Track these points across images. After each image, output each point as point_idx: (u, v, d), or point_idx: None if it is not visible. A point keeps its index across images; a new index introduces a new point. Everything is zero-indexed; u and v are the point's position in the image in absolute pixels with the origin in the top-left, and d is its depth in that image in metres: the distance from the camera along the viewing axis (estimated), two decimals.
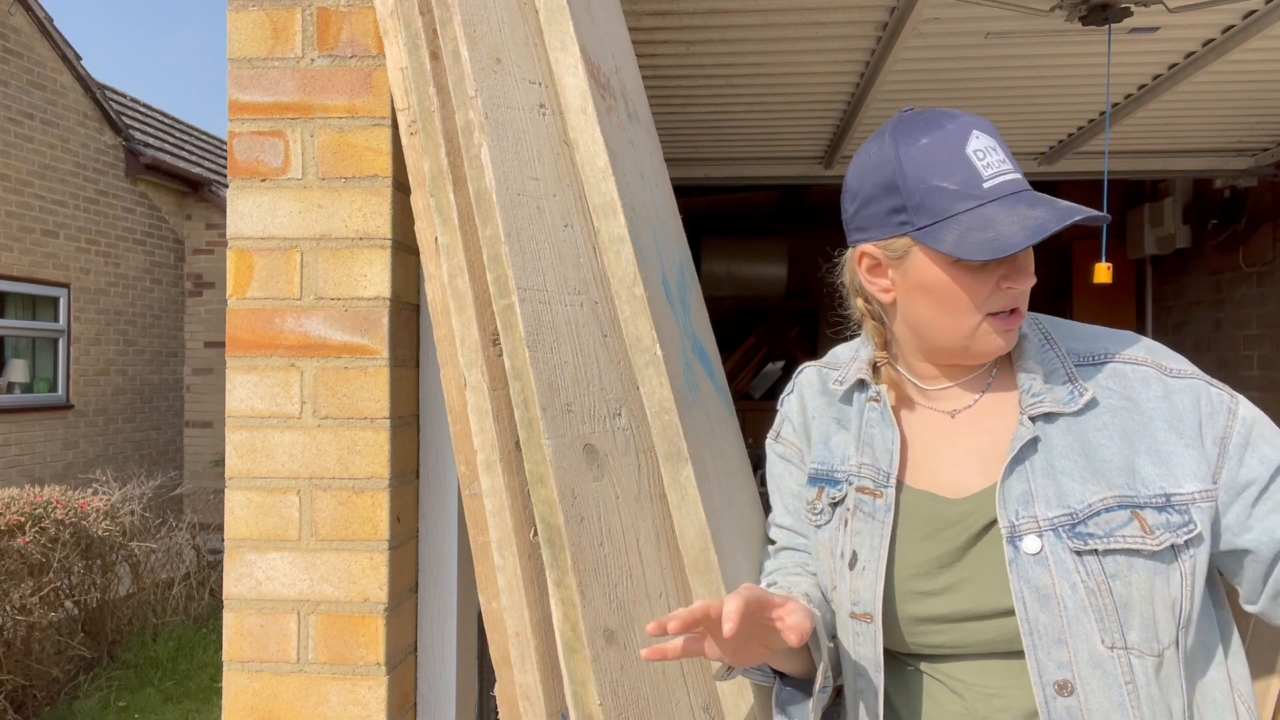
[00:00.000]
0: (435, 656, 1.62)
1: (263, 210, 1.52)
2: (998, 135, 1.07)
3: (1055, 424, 1.07)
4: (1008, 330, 1.07)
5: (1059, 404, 1.07)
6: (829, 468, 1.18)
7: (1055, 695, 1.01)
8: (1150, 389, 1.07)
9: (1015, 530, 1.04)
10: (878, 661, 1.09)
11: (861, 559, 1.10)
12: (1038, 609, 1.02)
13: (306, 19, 1.53)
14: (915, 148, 1.06)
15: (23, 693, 4.56)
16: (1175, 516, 1.02)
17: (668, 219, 1.56)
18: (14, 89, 7.48)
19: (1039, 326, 1.15)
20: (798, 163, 4.91)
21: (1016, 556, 1.03)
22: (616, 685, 1.17)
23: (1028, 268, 1.04)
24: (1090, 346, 1.12)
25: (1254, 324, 5.21)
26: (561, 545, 1.19)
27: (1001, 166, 1.04)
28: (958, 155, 1.04)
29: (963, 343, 1.08)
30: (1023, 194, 1.03)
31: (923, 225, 1.05)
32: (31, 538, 4.67)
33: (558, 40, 1.34)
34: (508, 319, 1.25)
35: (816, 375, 1.27)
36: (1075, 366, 1.10)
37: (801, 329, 7.84)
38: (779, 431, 1.29)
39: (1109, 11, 2.69)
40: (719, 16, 3.02)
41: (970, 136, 1.04)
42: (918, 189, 1.05)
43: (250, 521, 1.51)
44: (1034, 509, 1.04)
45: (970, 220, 1.02)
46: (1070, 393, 1.07)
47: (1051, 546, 1.03)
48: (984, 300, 1.05)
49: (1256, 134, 4.37)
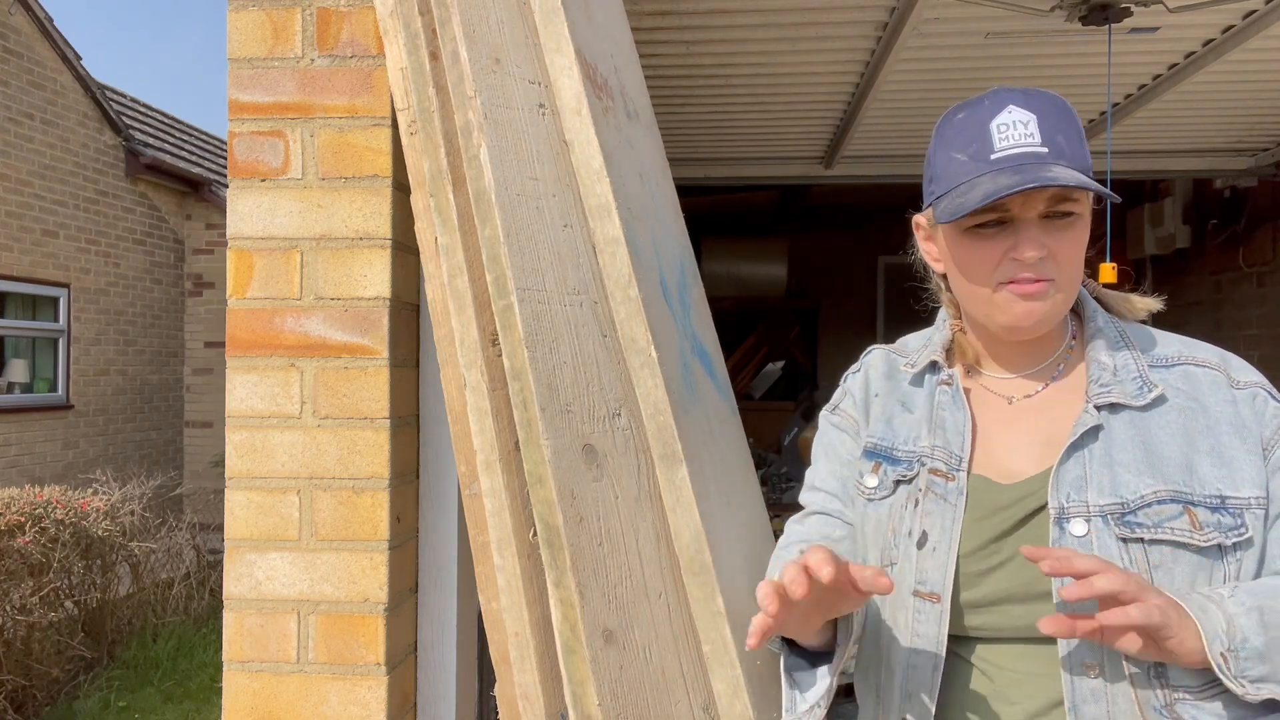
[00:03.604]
0: (435, 656, 1.62)
1: (263, 210, 1.52)
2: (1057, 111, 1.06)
3: (1119, 415, 1.08)
4: (1026, 298, 1.06)
5: (1126, 396, 1.08)
6: (889, 445, 1.18)
7: (1083, 674, 1.02)
8: (1219, 393, 1.09)
9: (1064, 512, 1.05)
10: (941, 640, 1.09)
11: (932, 539, 1.11)
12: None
13: (306, 19, 1.53)
14: (950, 122, 1.11)
15: (23, 693, 4.56)
16: (1228, 518, 1.01)
17: (668, 218, 1.56)
18: (14, 89, 7.48)
19: (1116, 326, 1.17)
20: (798, 163, 4.91)
21: (1061, 538, 1.04)
22: (615, 685, 1.17)
23: (1031, 238, 1.04)
24: (1165, 349, 1.14)
25: (1254, 324, 5.21)
26: (560, 545, 1.19)
27: (1023, 140, 1.04)
28: (980, 128, 1.06)
29: (985, 311, 1.10)
30: (1024, 164, 1.03)
31: (937, 195, 1.10)
32: (31, 538, 4.67)
33: (553, 42, 1.34)
34: (507, 319, 1.25)
35: (884, 358, 1.28)
36: (1148, 366, 1.11)
37: (801, 329, 7.84)
38: (837, 404, 1.29)
39: (1109, 11, 2.69)
40: (719, 16, 3.02)
41: (1003, 110, 1.06)
42: (938, 160, 1.11)
43: (250, 521, 1.51)
44: (1086, 495, 1.05)
45: (965, 188, 1.05)
46: (1139, 387, 1.09)
47: (1098, 532, 1.03)
48: (994, 269, 1.07)
49: (1256, 134, 4.37)
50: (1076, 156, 1.05)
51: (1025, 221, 1.05)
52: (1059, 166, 1.02)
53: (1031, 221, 1.05)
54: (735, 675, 1.19)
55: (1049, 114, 1.06)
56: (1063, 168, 1.02)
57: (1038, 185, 0.99)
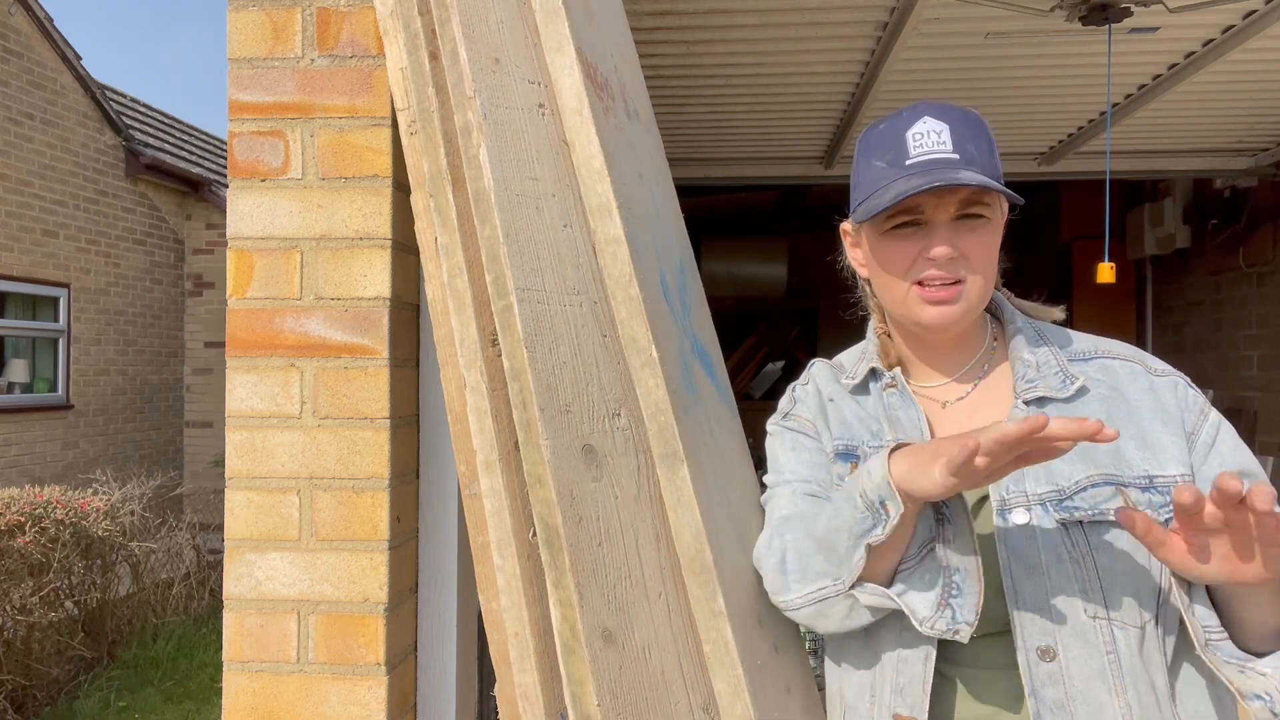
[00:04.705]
0: (435, 656, 1.62)
1: (263, 210, 1.52)
2: (967, 123, 1.13)
3: (1047, 408, 1.14)
4: (937, 299, 1.12)
5: (1052, 390, 1.14)
6: (858, 443, 1.22)
7: (1038, 660, 1.06)
8: (1137, 382, 1.15)
9: (1005, 504, 1.10)
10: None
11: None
12: (1023, 577, 1.07)
13: (306, 19, 1.53)
14: (872, 133, 1.19)
15: (23, 693, 4.56)
16: (1157, 497, 1.07)
17: (668, 218, 1.56)
18: (14, 89, 7.48)
19: (1034, 326, 1.23)
20: (798, 163, 4.91)
21: (1005, 527, 1.09)
22: (615, 686, 1.17)
23: (943, 238, 1.11)
24: (1081, 345, 1.21)
25: (1254, 324, 5.21)
26: (560, 546, 1.19)
27: (936, 147, 1.11)
28: (897, 137, 1.14)
29: (900, 310, 1.17)
30: (934, 168, 1.09)
31: (858, 201, 1.18)
32: (31, 538, 4.67)
33: (554, 41, 1.34)
34: (506, 319, 1.25)
35: (828, 369, 1.33)
36: (1068, 361, 1.17)
37: (801, 329, 7.84)
38: (788, 412, 1.33)
39: (1109, 11, 2.69)
40: (719, 16, 3.02)
41: (918, 121, 1.13)
42: (860, 168, 1.19)
43: (250, 521, 1.51)
44: (1024, 485, 1.10)
45: (882, 191, 1.12)
46: (1062, 381, 1.15)
47: (1039, 519, 1.09)
48: (908, 268, 1.14)
49: (1256, 134, 4.37)
50: (986, 165, 1.12)
51: (938, 223, 1.12)
52: (968, 171, 1.09)
53: (943, 223, 1.12)
54: (735, 675, 1.19)
55: (960, 125, 1.13)
56: (971, 172, 1.09)
57: (944, 185, 1.06)
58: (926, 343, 1.22)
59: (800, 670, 1.37)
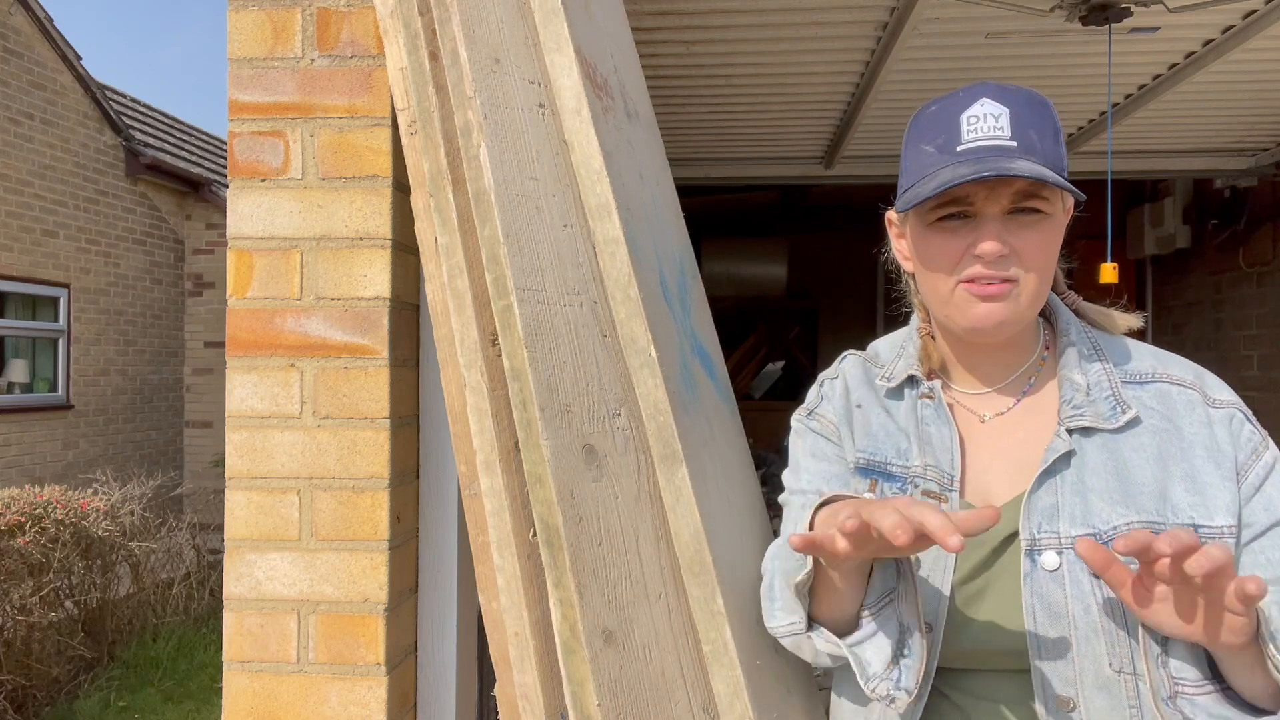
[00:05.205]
0: (435, 656, 1.62)
1: (263, 210, 1.52)
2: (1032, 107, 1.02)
3: (1092, 439, 1.04)
4: (985, 294, 1.01)
5: (1099, 419, 1.04)
6: (883, 459, 1.13)
7: (1056, 709, 0.99)
8: (1194, 414, 1.05)
9: (1035, 544, 1.02)
10: (930, 672, 1.05)
11: (926, 567, 1.07)
12: (1047, 625, 1.00)
13: (306, 19, 1.53)
14: (923, 115, 1.08)
15: (23, 693, 4.55)
16: None
17: (669, 218, 1.56)
18: (14, 89, 7.48)
19: (1089, 337, 1.12)
20: (798, 163, 4.91)
21: (1033, 571, 1.01)
22: (615, 686, 1.17)
23: (992, 232, 1.00)
24: (1139, 364, 1.09)
25: (1254, 324, 5.21)
26: (560, 546, 1.19)
27: (992, 132, 1.00)
28: (950, 120, 1.03)
29: (944, 309, 1.06)
30: (987, 156, 0.99)
31: (904, 188, 1.07)
32: (31, 538, 4.67)
33: (553, 41, 1.34)
34: (506, 319, 1.25)
35: (860, 366, 1.23)
36: (1121, 383, 1.07)
37: (801, 329, 7.84)
38: (813, 409, 1.23)
39: (1109, 11, 2.69)
40: (719, 16, 3.02)
41: (975, 103, 1.02)
42: (908, 153, 1.08)
43: (250, 521, 1.51)
44: (1058, 524, 1.01)
45: (928, 179, 1.02)
46: (1113, 408, 1.04)
47: (1070, 564, 1.00)
48: (955, 264, 1.03)
49: (1256, 134, 4.37)
50: (1049, 154, 1.01)
51: (988, 216, 1.01)
52: (1025, 160, 0.98)
53: (994, 217, 1.01)
54: (735, 675, 1.19)
55: (1024, 109, 1.02)
56: (1029, 162, 0.98)
57: (994, 175, 0.95)
58: (971, 346, 1.12)
59: (800, 670, 1.37)
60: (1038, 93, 1.04)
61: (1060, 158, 1.03)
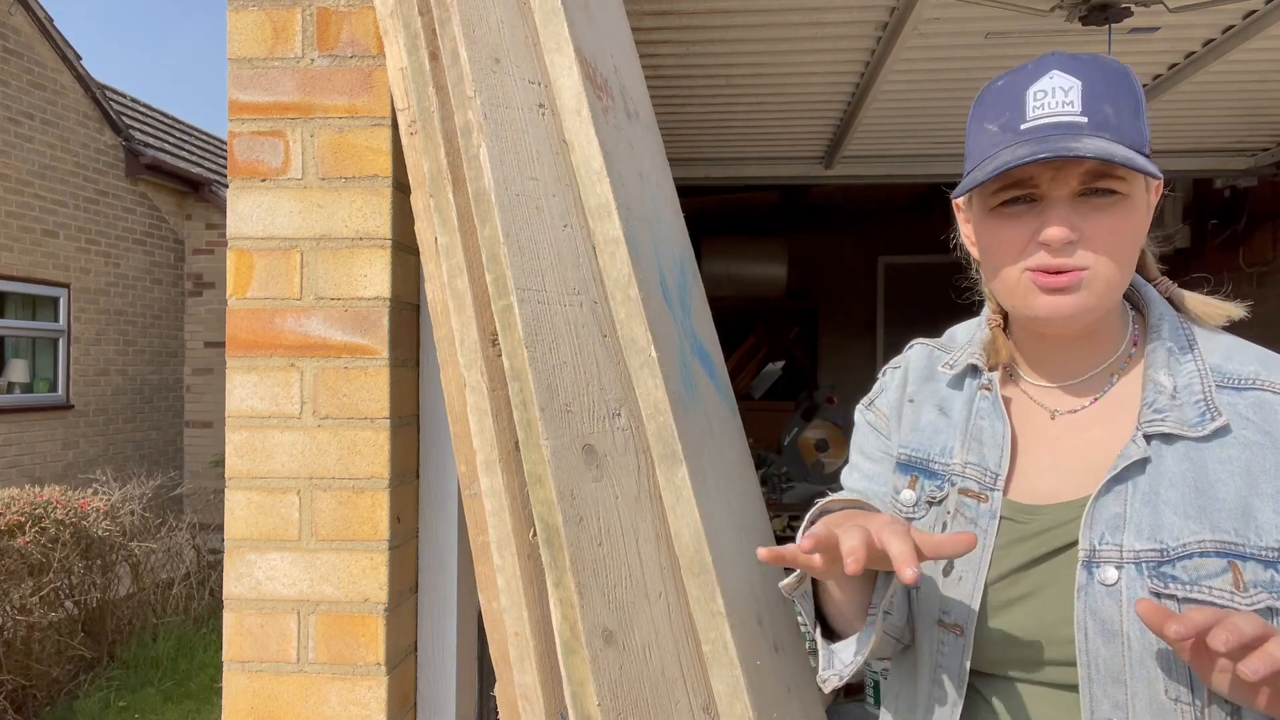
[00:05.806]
0: (435, 656, 1.62)
1: (263, 210, 1.52)
2: (1107, 79, 0.94)
3: (1173, 446, 0.95)
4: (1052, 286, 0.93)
5: (1183, 425, 0.95)
6: (924, 456, 1.08)
7: None
8: None
9: (1095, 555, 0.94)
10: (963, 675, 1.00)
11: (958, 569, 1.01)
12: (1100, 643, 0.93)
13: (306, 19, 1.53)
14: (990, 90, 1.00)
15: (23, 693, 4.56)
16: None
17: (669, 218, 1.56)
18: (14, 89, 7.48)
19: (1184, 333, 1.03)
20: (798, 163, 4.91)
21: (1089, 584, 0.93)
22: (615, 686, 1.17)
23: (1059, 217, 0.92)
24: (1241, 368, 0.99)
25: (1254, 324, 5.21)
26: (560, 546, 1.19)
27: (1060, 108, 0.92)
28: (1016, 95, 0.95)
29: (1010, 300, 0.98)
30: (1051, 134, 0.92)
31: (966, 170, 0.99)
32: (31, 538, 4.68)
33: (553, 42, 1.34)
34: (506, 319, 1.25)
35: (926, 355, 1.16)
36: (1216, 387, 0.97)
37: (801, 329, 7.84)
38: (873, 400, 1.19)
39: (1109, 11, 2.69)
40: (719, 16, 3.02)
41: (1044, 76, 0.94)
42: (972, 131, 1.00)
43: (250, 521, 1.51)
44: (1122, 537, 0.93)
45: (987, 161, 0.95)
46: (1201, 414, 0.95)
47: (1129, 581, 0.92)
48: (1019, 252, 0.95)
49: (1256, 134, 4.37)
50: (1127, 130, 0.92)
51: (1055, 200, 0.93)
52: (1095, 139, 0.90)
53: (1062, 200, 0.92)
54: (735, 675, 1.19)
55: (1098, 81, 0.92)
56: (1101, 140, 0.90)
57: (1051, 156, 0.87)
58: (1045, 338, 1.03)
59: (800, 670, 1.37)
60: (1116, 61, 0.95)
61: (1140, 132, 0.94)
